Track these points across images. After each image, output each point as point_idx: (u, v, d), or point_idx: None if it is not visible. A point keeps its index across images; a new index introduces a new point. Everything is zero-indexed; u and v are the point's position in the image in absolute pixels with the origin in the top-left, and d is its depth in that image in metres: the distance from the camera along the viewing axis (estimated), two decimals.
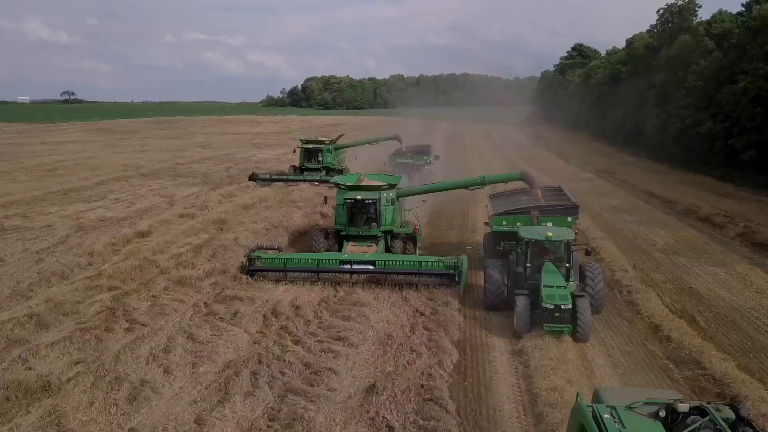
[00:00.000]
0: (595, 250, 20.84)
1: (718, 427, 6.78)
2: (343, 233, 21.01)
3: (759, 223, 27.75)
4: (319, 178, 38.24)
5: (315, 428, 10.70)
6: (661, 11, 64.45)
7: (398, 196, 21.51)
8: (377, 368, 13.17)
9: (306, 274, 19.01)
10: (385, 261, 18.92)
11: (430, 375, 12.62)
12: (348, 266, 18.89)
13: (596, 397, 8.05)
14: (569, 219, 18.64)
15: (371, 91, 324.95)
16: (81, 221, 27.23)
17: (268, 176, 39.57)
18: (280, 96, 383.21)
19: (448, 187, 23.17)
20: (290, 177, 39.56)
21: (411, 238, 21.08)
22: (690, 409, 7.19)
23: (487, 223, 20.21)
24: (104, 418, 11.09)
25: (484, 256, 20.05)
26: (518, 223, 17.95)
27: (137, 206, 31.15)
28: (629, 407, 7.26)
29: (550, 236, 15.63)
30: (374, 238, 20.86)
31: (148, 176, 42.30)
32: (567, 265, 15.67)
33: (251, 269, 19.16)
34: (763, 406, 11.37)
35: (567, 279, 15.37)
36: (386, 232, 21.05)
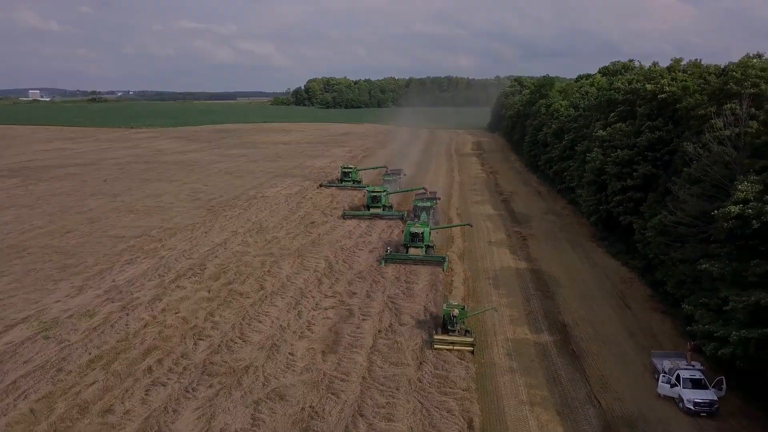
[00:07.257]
0: (440, 207, 73.46)
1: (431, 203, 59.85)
2: (369, 206, 70.66)
3: (524, 203, 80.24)
4: (351, 186, 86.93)
5: (372, 240, 62.96)
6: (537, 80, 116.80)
7: (388, 194, 72.53)
8: (380, 235, 65.44)
9: (360, 217, 69.08)
10: (382, 215, 69.03)
11: (392, 233, 64.59)
12: (373, 218, 69.17)
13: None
14: (435, 201, 69.67)
15: (367, 92, 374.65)
16: (285, 195, 78.87)
17: (327, 183, 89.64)
18: (286, 95, 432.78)
19: (404, 191, 75.80)
20: (338, 185, 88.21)
21: (390, 207, 71.54)
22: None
23: None
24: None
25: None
26: (419, 203, 68.84)
27: (295, 189, 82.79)
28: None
29: (423, 204, 66.96)
30: (379, 208, 70.10)
31: (280, 176, 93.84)
32: (430, 213, 66.65)
33: (344, 216, 68.99)
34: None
35: (428, 217, 66.41)
36: (383, 206, 70.61)
